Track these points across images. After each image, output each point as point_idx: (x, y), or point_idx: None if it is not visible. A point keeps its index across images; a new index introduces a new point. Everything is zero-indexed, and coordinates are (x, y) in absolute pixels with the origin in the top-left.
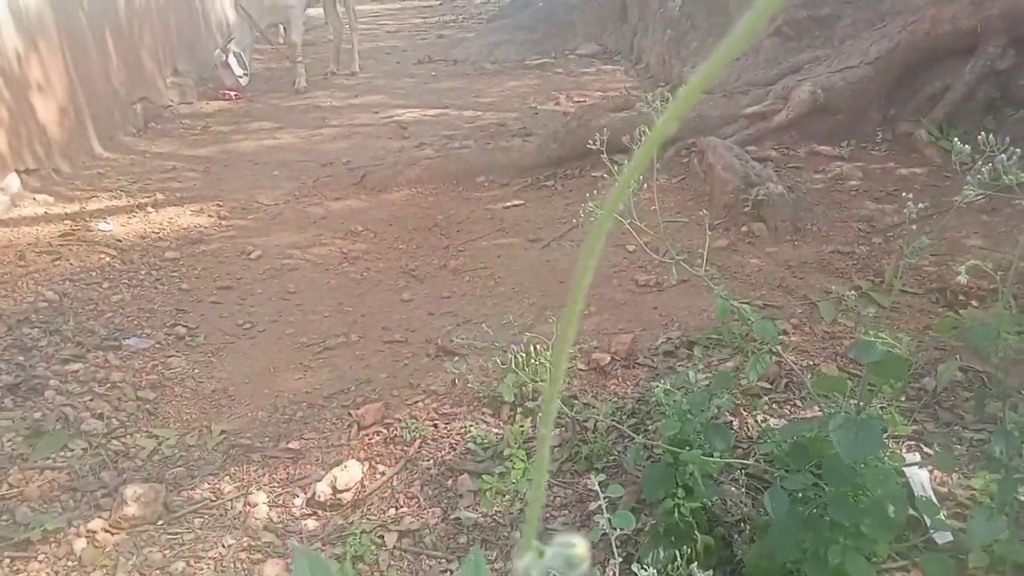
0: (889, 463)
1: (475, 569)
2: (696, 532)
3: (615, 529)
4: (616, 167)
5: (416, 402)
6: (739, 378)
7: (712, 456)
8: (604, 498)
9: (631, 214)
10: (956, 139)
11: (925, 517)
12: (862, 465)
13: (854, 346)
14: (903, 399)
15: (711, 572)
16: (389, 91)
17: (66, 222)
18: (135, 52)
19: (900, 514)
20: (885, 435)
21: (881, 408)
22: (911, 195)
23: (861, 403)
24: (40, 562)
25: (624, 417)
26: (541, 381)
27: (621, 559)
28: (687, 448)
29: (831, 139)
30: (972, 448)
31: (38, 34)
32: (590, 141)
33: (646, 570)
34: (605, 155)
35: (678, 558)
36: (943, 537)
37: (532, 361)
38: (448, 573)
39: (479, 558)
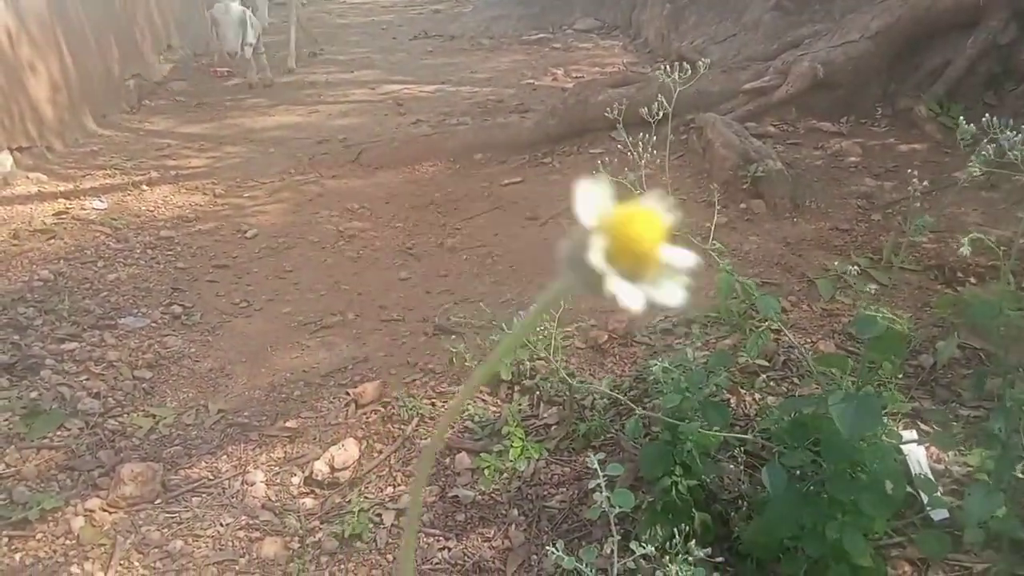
0: (887, 440)
1: None
2: (693, 510)
3: (614, 507)
4: (615, 144)
5: (414, 380)
6: (737, 356)
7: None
8: (604, 476)
9: (642, 186)
10: (961, 117)
11: (922, 495)
12: (861, 442)
13: (855, 321)
14: (900, 376)
15: (709, 549)
16: (384, 67)
17: (60, 200)
18: (128, 28)
19: (898, 491)
20: (884, 412)
21: (879, 386)
22: (915, 172)
23: (860, 380)
24: (38, 541)
25: (621, 395)
26: (539, 359)
27: (619, 536)
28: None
29: (831, 115)
30: (969, 425)
31: (29, 11)
32: (607, 111)
33: (644, 547)
34: (621, 124)
35: (676, 535)
36: (939, 515)
37: (532, 337)
38: (446, 551)
39: None
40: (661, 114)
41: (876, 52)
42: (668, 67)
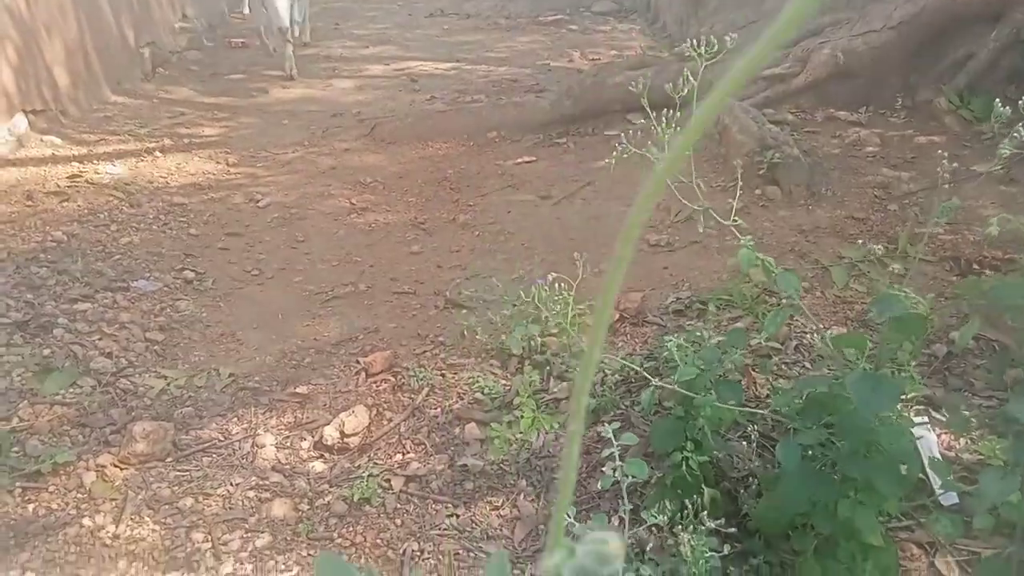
0: (901, 423)
1: (499, 570)
2: (703, 485)
3: (627, 477)
4: (631, 127)
5: (424, 352)
6: (751, 338)
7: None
8: (617, 446)
9: (666, 153)
10: (997, 100)
11: (936, 477)
12: (877, 422)
13: (876, 301)
14: (914, 363)
15: (722, 519)
16: (400, 43)
17: (74, 164)
18: None
19: (912, 471)
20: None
21: (896, 371)
22: (944, 153)
23: (879, 359)
24: (51, 493)
25: (632, 373)
26: (550, 334)
27: (631, 506)
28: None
29: (850, 104)
30: (981, 415)
31: None
32: (631, 85)
33: (656, 517)
34: (645, 99)
35: (688, 506)
36: (949, 499)
37: (548, 307)
38: (454, 518)
39: (503, 560)
40: (686, 90)
41: (898, 42)
42: (695, 42)
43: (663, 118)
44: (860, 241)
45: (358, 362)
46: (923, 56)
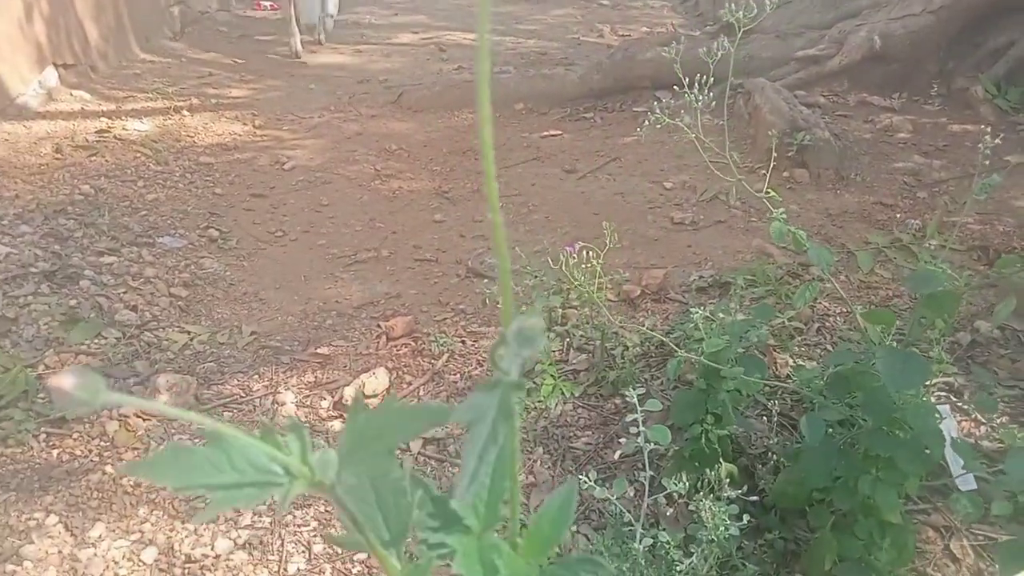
0: (926, 403)
1: (567, 498)
2: (720, 460)
3: (649, 443)
4: (659, 103)
5: (444, 319)
6: (775, 317)
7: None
8: (641, 411)
9: (697, 128)
10: None
11: (956, 461)
12: (902, 400)
13: (911, 276)
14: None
15: (744, 487)
16: (430, 12)
17: (102, 119)
18: None
19: (936, 451)
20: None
21: (928, 348)
22: (988, 129)
23: (908, 337)
24: (74, 440)
25: (652, 348)
26: (571, 307)
27: (652, 473)
28: (721, 377)
29: (883, 89)
30: (1004, 404)
31: None
32: (664, 51)
33: (676, 484)
34: (678, 66)
35: (709, 475)
36: (967, 484)
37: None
38: None
39: (572, 488)
40: (720, 54)
41: (937, 27)
42: (733, 5)
43: (697, 83)
44: (887, 228)
45: (379, 326)
46: (961, 42)
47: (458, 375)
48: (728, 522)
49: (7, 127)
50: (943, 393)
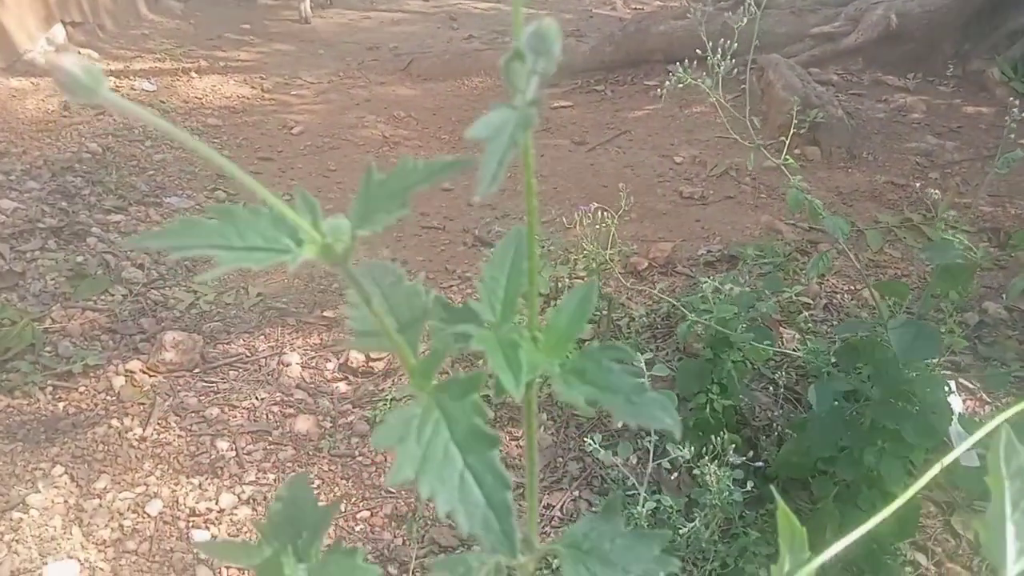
0: (935, 375)
1: (586, 295)
2: (724, 430)
3: None
4: (672, 76)
5: (451, 286)
6: (782, 291)
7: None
8: (648, 376)
9: (718, 92)
10: None
11: (958, 437)
12: (912, 372)
13: (928, 246)
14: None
15: (751, 452)
16: None
17: (110, 78)
18: None
19: (943, 424)
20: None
21: (939, 321)
22: (1016, 101)
23: (921, 309)
24: (80, 393)
25: (658, 319)
26: (578, 277)
27: (657, 437)
28: (728, 347)
29: (898, 69)
30: (1009, 385)
31: None
32: (689, 12)
33: (680, 450)
34: (703, 30)
35: (715, 442)
36: (970, 461)
37: (585, 244)
38: None
39: (592, 286)
40: (745, 20)
41: (954, 7)
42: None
43: (720, 49)
44: (897, 208)
45: None
46: (979, 24)
47: None
48: (732, 487)
49: (15, 83)
50: (947, 372)
